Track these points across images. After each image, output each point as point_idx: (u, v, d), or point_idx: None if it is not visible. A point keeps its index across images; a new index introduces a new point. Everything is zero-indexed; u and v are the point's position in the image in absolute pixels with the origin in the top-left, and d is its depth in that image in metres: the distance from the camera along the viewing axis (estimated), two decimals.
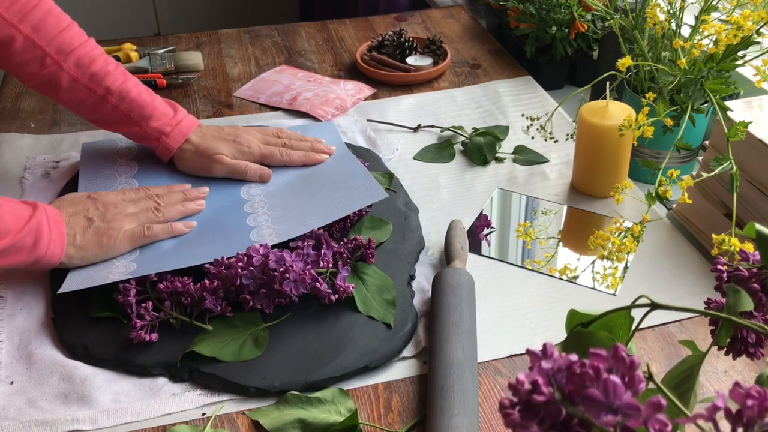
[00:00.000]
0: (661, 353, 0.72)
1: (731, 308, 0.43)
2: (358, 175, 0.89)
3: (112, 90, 0.89)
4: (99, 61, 0.89)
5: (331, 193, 0.87)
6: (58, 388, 0.69)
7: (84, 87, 0.88)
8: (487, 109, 1.14)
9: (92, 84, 0.88)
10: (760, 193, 0.78)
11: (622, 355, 0.31)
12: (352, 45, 1.35)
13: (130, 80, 0.91)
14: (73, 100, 0.90)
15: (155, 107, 0.91)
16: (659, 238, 0.87)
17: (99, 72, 0.89)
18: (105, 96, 0.89)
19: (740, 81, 0.94)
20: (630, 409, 0.30)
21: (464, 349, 0.68)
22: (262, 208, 0.87)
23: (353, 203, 0.84)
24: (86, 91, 0.89)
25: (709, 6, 0.87)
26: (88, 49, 0.89)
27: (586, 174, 0.94)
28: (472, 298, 0.74)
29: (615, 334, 0.46)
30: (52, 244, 0.75)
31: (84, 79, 0.88)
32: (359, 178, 0.89)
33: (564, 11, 1.17)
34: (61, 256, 0.76)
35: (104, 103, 0.89)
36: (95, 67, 0.88)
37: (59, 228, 0.77)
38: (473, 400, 0.63)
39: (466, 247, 0.82)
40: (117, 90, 0.89)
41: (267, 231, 0.83)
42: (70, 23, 0.89)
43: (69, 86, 0.88)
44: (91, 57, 0.89)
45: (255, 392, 0.68)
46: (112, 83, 0.89)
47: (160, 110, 0.91)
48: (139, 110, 0.90)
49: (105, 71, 0.89)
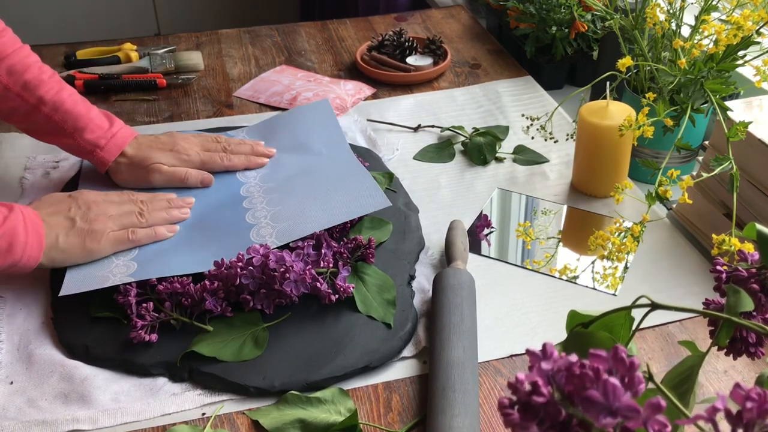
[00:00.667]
0: (661, 353, 0.72)
1: (731, 308, 0.43)
2: (360, 180, 0.87)
3: (46, 100, 0.86)
4: (33, 69, 0.86)
5: (332, 196, 0.85)
6: (58, 388, 0.69)
7: (16, 95, 0.86)
8: (487, 109, 1.14)
9: (24, 93, 0.86)
10: (760, 193, 0.78)
11: (622, 356, 0.31)
12: (352, 45, 1.35)
13: (65, 90, 0.88)
14: (5, 109, 0.87)
15: (90, 119, 0.88)
16: (659, 238, 0.87)
17: (32, 81, 0.86)
18: (38, 106, 0.86)
19: (740, 81, 0.94)
20: (629, 410, 0.30)
21: (465, 349, 0.68)
22: (261, 203, 0.86)
23: (354, 209, 0.83)
24: (18, 99, 0.86)
25: (709, 6, 0.87)
26: (21, 57, 0.86)
27: (586, 174, 0.94)
28: (472, 298, 0.74)
29: (615, 335, 0.46)
30: (29, 248, 0.74)
31: (16, 87, 0.85)
32: (362, 183, 0.87)
33: (564, 11, 1.17)
34: (39, 259, 0.75)
35: (37, 113, 0.87)
36: (28, 75, 0.86)
37: (36, 230, 0.75)
38: (474, 400, 0.63)
39: (467, 247, 0.82)
40: (51, 100, 0.86)
41: (267, 230, 0.82)
42: (3, 29, 0.87)
43: (1, 94, 0.85)
44: (25, 65, 0.86)
45: (255, 392, 0.68)
46: (45, 93, 0.86)
47: (95, 122, 0.88)
48: (72, 121, 0.87)
49: (38, 80, 0.86)
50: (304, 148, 0.97)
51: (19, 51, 0.87)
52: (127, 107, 1.15)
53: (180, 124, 1.11)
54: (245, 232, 0.82)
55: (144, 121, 1.11)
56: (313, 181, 0.89)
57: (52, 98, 0.86)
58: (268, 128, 1.03)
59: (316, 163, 0.93)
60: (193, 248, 0.81)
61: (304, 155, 0.96)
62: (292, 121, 1.03)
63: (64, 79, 1.18)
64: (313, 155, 0.96)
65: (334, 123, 1.01)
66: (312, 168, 0.93)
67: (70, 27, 2.52)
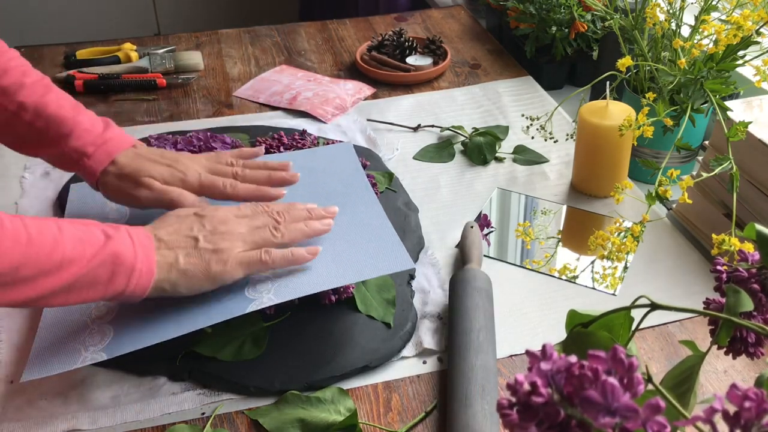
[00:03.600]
0: (661, 353, 0.72)
1: (731, 308, 0.43)
2: (385, 237, 0.75)
3: (27, 105, 0.76)
4: (13, 73, 0.77)
5: (350, 253, 0.73)
6: (58, 387, 0.69)
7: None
8: (487, 109, 1.14)
9: (3, 98, 0.76)
10: (760, 193, 0.78)
11: (621, 356, 0.31)
12: (352, 45, 1.35)
13: (51, 94, 0.78)
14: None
15: (77, 123, 0.77)
16: (659, 238, 0.87)
17: (11, 85, 0.76)
18: (18, 112, 0.76)
19: (740, 81, 0.94)
20: (628, 411, 0.30)
21: (493, 352, 0.69)
22: None
23: (372, 270, 0.71)
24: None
25: (709, 6, 0.87)
26: (1, 62, 0.78)
27: (586, 174, 0.94)
28: (492, 302, 0.75)
29: (615, 335, 0.46)
30: (136, 276, 0.63)
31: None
32: (386, 241, 0.74)
33: (564, 11, 1.17)
34: (147, 287, 0.64)
35: (18, 121, 0.77)
36: (7, 80, 0.76)
37: (147, 254, 0.64)
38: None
39: (482, 249, 0.82)
40: (32, 105, 0.76)
41: (264, 285, 0.70)
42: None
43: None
44: (3, 69, 0.77)
45: (255, 392, 0.69)
46: (26, 97, 0.76)
47: (82, 126, 0.77)
48: (56, 127, 0.77)
49: (19, 84, 0.77)
50: (320, 185, 0.86)
51: (3, 55, 0.78)
52: (127, 107, 1.15)
53: (180, 123, 1.11)
54: (239, 288, 0.70)
55: (144, 121, 1.11)
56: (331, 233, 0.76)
57: (34, 103, 0.77)
58: None
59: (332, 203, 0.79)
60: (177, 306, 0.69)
61: (319, 191, 0.84)
62: (310, 159, 0.91)
63: (64, 78, 1.19)
64: (330, 194, 0.84)
65: (356, 166, 0.88)
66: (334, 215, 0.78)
67: (70, 27, 2.52)
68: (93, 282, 0.61)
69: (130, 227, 0.65)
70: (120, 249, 0.62)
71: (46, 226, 0.60)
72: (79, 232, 0.61)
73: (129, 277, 0.62)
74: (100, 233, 0.63)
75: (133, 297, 0.64)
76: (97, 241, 0.62)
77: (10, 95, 0.76)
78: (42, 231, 0.59)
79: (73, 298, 0.61)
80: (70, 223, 0.62)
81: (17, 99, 0.76)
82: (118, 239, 0.63)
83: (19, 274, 0.57)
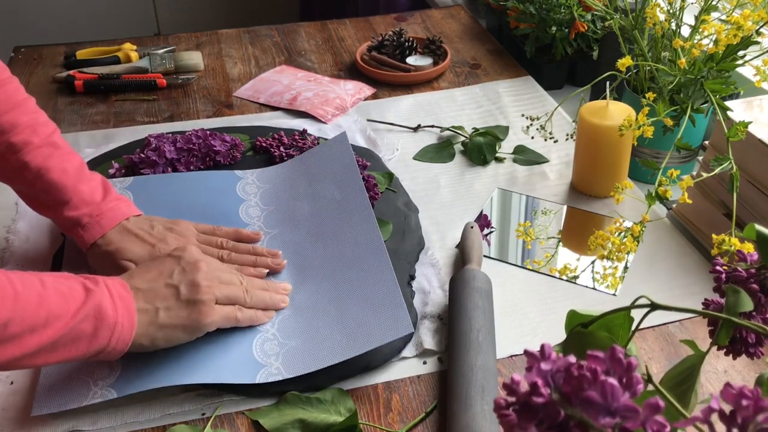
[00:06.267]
0: (661, 353, 0.72)
1: (731, 308, 0.43)
2: (389, 299, 0.73)
3: (31, 166, 0.75)
4: (23, 130, 0.76)
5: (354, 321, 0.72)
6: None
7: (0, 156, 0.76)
8: (487, 109, 1.14)
9: (10, 155, 0.76)
10: (760, 193, 0.78)
11: (620, 356, 0.31)
12: (352, 45, 1.35)
13: (56, 157, 0.77)
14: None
15: (77, 192, 0.76)
16: (659, 238, 0.87)
17: (19, 143, 0.75)
18: (22, 171, 0.76)
19: (740, 81, 0.94)
20: (628, 410, 0.30)
21: (493, 353, 0.69)
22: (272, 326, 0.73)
23: (374, 339, 0.70)
24: (2, 160, 0.76)
25: (709, 6, 0.87)
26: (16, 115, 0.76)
27: (586, 174, 0.94)
28: (492, 302, 0.75)
29: (615, 335, 0.46)
30: (118, 330, 0.62)
31: (1, 148, 0.76)
32: (390, 305, 0.73)
33: (564, 11, 1.17)
34: (128, 342, 0.63)
35: (21, 178, 0.77)
36: (16, 137, 0.75)
37: (126, 305, 0.63)
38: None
39: (482, 249, 0.82)
40: (36, 167, 0.76)
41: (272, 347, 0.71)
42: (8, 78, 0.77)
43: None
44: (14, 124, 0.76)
45: (255, 392, 0.68)
46: (32, 159, 0.76)
47: (80, 197, 0.76)
48: (55, 194, 0.76)
49: (26, 143, 0.76)
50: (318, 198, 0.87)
51: (16, 107, 0.76)
52: (127, 107, 1.15)
53: (180, 124, 1.11)
54: (247, 342, 0.71)
55: (144, 121, 1.11)
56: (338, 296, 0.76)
57: (37, 166, 0.76)
58: (279, 174, 0.93)
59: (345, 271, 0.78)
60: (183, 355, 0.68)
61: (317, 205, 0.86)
62: (306, 164, 0.93)
63: (64, 79, 1.19)
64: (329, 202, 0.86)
65: (351, 162, 0.89)
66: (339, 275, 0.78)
67: (70, 27, 2.52)
68: (77, 338, 0.59)
69: (106, 278, 0.64)
70: (102, 302, 0.61)
71: (29, 281, 0.58)
72: (61, 286, 0.60)
73: (112, 331, 0.61)
74: (80, 287, 0.61)
75: (114, 353, 0.63)
76: (78, 295, 0.60)
77: (16, 152, 0.76)
78: (26, 285, 0.58)
79: (55, 356, 0.59)
80: (51, 277, 0.61)
81: (22, 158, 0.76)
82: (99, 293, 0.61)
83: (6, 332, 0.55)
